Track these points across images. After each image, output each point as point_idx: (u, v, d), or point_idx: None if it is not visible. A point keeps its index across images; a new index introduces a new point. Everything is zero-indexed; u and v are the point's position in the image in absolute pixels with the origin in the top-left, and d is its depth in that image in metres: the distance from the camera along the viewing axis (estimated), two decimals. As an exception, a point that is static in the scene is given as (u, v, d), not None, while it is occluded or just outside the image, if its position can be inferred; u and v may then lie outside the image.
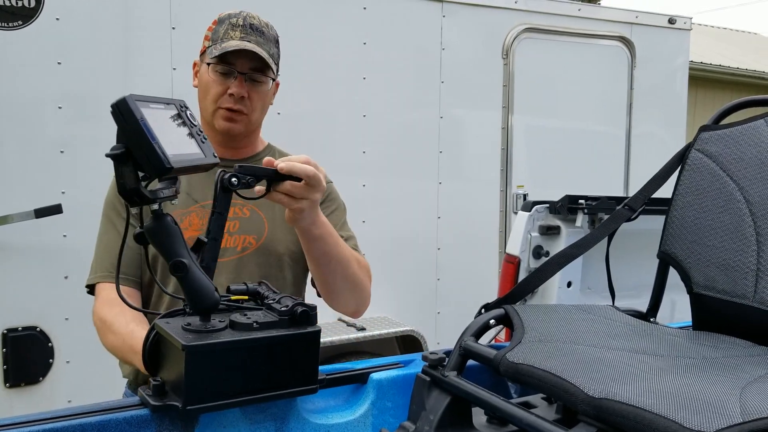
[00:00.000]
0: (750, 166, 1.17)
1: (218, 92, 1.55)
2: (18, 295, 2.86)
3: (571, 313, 1.16)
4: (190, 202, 1.58)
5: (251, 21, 1.58)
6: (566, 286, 2.79)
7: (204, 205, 1.55)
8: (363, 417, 1.12)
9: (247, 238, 1.56)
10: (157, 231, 0.96)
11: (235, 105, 1.54)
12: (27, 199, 2.78)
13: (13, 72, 2.80)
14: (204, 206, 1.55)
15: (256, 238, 1.57)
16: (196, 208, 1.57)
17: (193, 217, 1.56)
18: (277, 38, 1.64)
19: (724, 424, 0.73)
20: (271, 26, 1.63)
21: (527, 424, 0.90)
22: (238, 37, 1.54)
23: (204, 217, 1.53)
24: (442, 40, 3.68)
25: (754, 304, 1.10)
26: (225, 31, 1.57)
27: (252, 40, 1.55)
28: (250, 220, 1.58)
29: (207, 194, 1.54)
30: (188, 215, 1.56)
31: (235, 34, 1.56)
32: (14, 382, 2.85)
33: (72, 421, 0.90)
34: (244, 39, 1.54)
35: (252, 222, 1.58)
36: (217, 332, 0.97)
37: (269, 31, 1.61)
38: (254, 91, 1.57)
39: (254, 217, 1.59)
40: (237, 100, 1.54)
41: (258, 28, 1.58)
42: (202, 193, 1.58)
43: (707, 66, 11.33)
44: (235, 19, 1.58)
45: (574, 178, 4.04)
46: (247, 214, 1.59)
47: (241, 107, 1.55)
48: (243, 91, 1.54)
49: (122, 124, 0.88)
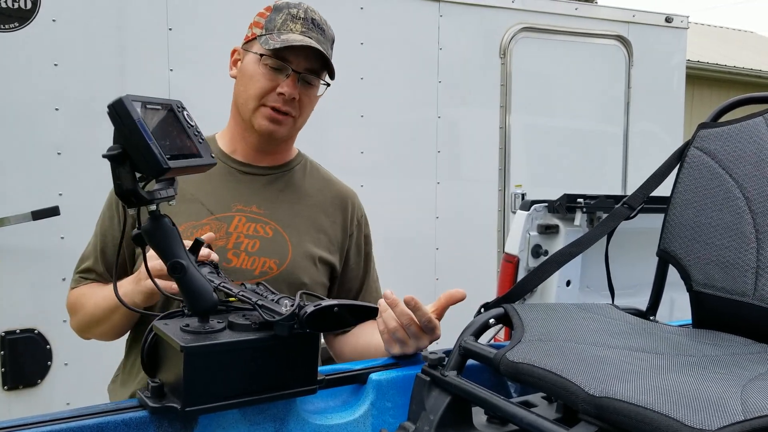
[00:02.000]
0: (749, 163, 1.17)
1: (265, 88, 1.39)
2: (15, 298, 2.85)
3: (570, 312, 1.16)
4: (204, 213, 1.42)
5: (313, 15, 1.42)
6: (565, 284, 2.79)
7: (219, 217, 1.41)
8: (363, 417, 1.11)
9: (268, 261, 1.39)
10: (155, 232, 0.95)
11: (283, 106, 1.39)
12: (24, 202, 2.77)
13: (10, 74, 2.80)
14: (219, 218, 1.41)
15: (278, 262, 1.40)
16: (210, 221, 1.41)
17: (205, 230, 1.40)
18: (333, 39, 1.48)
19: (726, 422, 0.73)
20: (329, 25, 1.46)
21: (528, 423, 0.89)
22: (298, 31, 1.38)
23: (218, 231, 1.39)
24: (440, 39, 3.68)
25: (754, 302, 1.10)
26: (284, 21, 1.39)
27: (313, 37, 1.38)
28: (273, 241, 1.42)
29: (223, 205, 1.43)
30: (201, 228, 1.40)
31: (296, 27, 1.38)
32: (12, 384, 2.84)
33: (70, 423, 0.90)
34: (306, 34, 1.37)
35: (275, 243, 1.42)
36: (215, 333, 0.97)
37: (329, 30, 1.45)
38: (305, 94, 1.41)
39: (278, 239, 1.42)
40: (286, 101, 1.38)
41: (319, 24, 1.41)
42: (218, 204, 1.43)
43: (704, 64, 11.34)
44: (296, 10, 1.41)
45: (572, 176, 4.05)
46: (270, 234, 1.42)
47: (290, 109, 1.40)
48: (295, 92, 1.38)
49: (119, 125, 0.88)
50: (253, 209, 1.44)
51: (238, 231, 1.41)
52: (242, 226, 1.41)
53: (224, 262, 1.34)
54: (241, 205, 1.44)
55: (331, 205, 1.53)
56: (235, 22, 3.17)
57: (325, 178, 1.58)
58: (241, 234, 1.40)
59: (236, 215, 1.42)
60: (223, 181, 1.45)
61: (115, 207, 1.50)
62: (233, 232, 1.40)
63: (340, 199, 1.55)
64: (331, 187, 1.56)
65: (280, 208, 1.46)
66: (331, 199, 1.54)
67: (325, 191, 1.55)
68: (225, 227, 1.40)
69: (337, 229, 1.52)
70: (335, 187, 1.57)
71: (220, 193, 1.44)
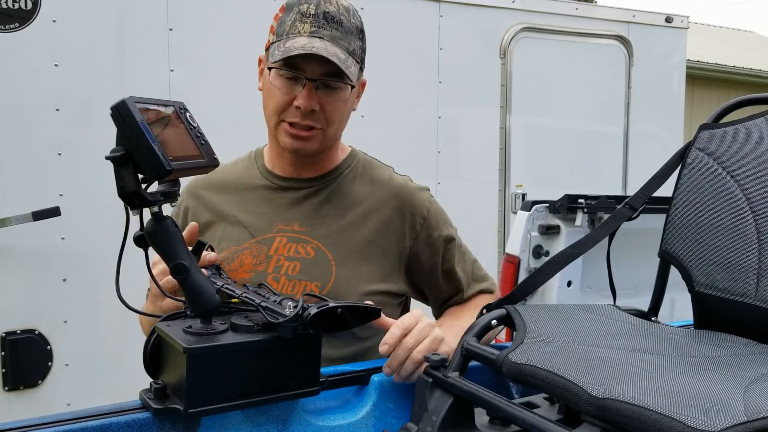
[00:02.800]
0: (750, 164, 1.17)
1: (282, 103, 1.27)
2: (16, 298, 2.85)
3: (572, 313, 1.16)
4: (246, 237, 1.36)
5: (326, 8, 1.26)
6: (566, 285, 2.79)
7: (260, 240, 1.35)
8: (365, 418, 1.11)
9: (309, 285, 1.29)
10: (158, 233, 0.95)
11: (302, 120, 1.27)
12: (25, 202, 2.77)
13: (10, 74, 2.80)
14: (260, 241, 1.34)
15: (320, 285, 1.29)
16: (250, 245, 1.35)
17: (246, 255, 1.34)
18: (360, 27, 1.32)
19: (729, 423, 0.73)
20: (353, 11, 1.31)
21: (530, 425, 0.89)
22: (307, 32, 1.24)
23: (258, 255, 1.33)
24: (440, 39, 3.68)
25: (756, 303, 1.10)
26: (292, 23, 1.26)
27: (325, 35, 1.24)
28: (315, 261, 1.32)
29: (264, 226, 1.36)
30: (241, 254, 1.34)
31: (304, 28, 1.25)
32: (13, 385, 2.84)
33: (73, 425, 0.90)
34: (315, 34, 1.24)
35: (317, 264, 1.31)
36: (218, 335, 0.97)
37: (350, 19, 1.29)
38: (329, 101, 1.27)
39: (320, 258, 1.32)
40: (305, 114, 1.26)
41: (335, 16, 1.26)
42: (259, 225, 1.36)
43: (703, 64, 11.34)
44: (306, 6, 1.26)
45: (573, 177, 4.05)
46: (311, 255, 1.32)
47: (311, 122, 1.27)
48: (313, 103, 1.25)
49: (122, 127, 0.88)
50: (295, 228, 1.35)
51: (279, 254, 1.33)
52: (282, 247, 1.34)
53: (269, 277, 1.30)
54: (282, 224, 1.36)
55: (384, 209, 1.38)
56: (236, 22, 3.18)
57: (378, 178, 1.43)
58: (281, 257, 1.33)
59: (277, 236, 1.35)
60: (265, 199, 1.39)
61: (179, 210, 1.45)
62: (273, 255, 1.33)
63: (396, 198, 1.40)
64: (384, 188, 1.41)
65: (323, 223, 1.35)
66: (385, 201, 1.39)
67: (378, 194, 1.40)
68: (265, 250, 1.34)
69: (394, 235, 1.38)
70: (390, 186, 1.41)
71: (262, 213, 1.37)
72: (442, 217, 1.45)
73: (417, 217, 1.40)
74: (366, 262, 1.34)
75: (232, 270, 1.34)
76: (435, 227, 1.42)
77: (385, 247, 1.37)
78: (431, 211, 1.42)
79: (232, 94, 3.14)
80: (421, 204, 1.42)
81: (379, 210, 1.38)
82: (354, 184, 1.41)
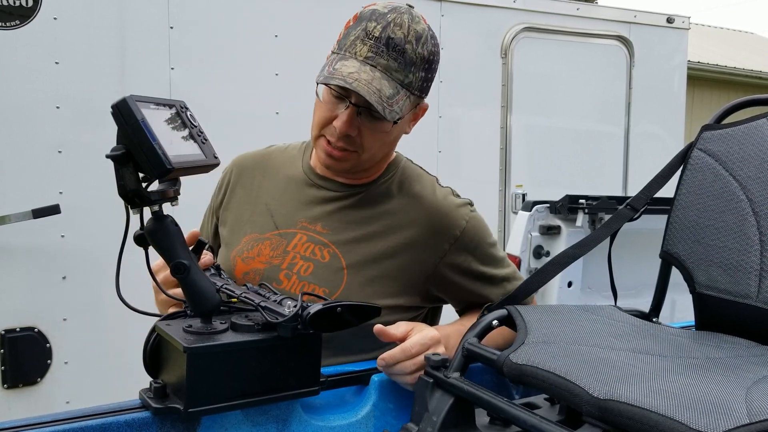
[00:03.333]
0: (753, 165, 1.16)
1: (325, 118, 1.25)
2: (16, 296, 2.85)
3: (573, 314, 1.16)
4: (270, 227, 1.36)
5: (393, 32, 1.19)
6: (567, 285, 2.80)
7: (282, 233, 1.34)
8: (365, 418, 1.11)
9: (317, 289, 1.28)
10: (158, 232, 0.95)
11: (337, 141, 1.24)
12: (25, 200, 2.77)
13: (10, 72, 2.79)
14: (282, 234, 1.34)
15: (327, 292, 1.26)
16: (272, 236, 1.35)
17: (265, 246, 1.34)
18: (427, 57, 1.24)
19: (731, 425, 0.72)
20: (424, 39, 1.22)
21: (531, 426, 0.89)
22: (363, 56, 1.18)
23: (277, 248, 1.33)
24: (441, 39, 3.67)
25: (758, 304, 1.10)
26: (354, 41, 1.21)
27: (380, 64, 1.18)
28: (327, 267, 1.30)
29: (290, 219, 1.35)
30: (261, 242, 1.35)
31: (362, 51, 1.19)
32: (12, 383, 2.84)
33: (73, 424, 0.90)
34: (370, 61, 1.18)
35: (329, 270, 1.30)
36: (218, 334, 0.97)
37: (417, 48, 1.21)
38: (368, 129, 1.23)
39: (333, 264, 1.30)
40: (342, 137, 1.23)
41: (398, 44, 1.19)
42: (286, 217, 1.36)
43: (704, 65, 11.34)
44: (374, 25, 1.20)
45: (573, 177, 4.04)
46: (326, 259, 1.30)
47: (345, 145, 1.25)
48: (350, 128, 1.22)
49: (123, 125, 0.87)
50: (318, 228, 1.34)
51: (296, 251, 1.32)
52: (301, 245, 1.32)
53: (274, 283, 1.28)
54: (306, 222, 1.35)
55: (413, 224, 1.33)
56: (237, 20, 3.18)
57: (414, 192, 1.38)
58: (297, 255, 1.32)
59: (299, 233, 1.34)
60: (298, 193, 1.39)
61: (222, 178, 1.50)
62: (290, 251, 1.32)
63: (429, 215, 1.34)
64: (419, 203, 1.36)
65: (346, 230, 1.33)
66: (416, 216, 1.34)
67: (411, 209, 1.35)
68: (284, 245, 1.33)
69: (418, 252, 1.32)
70: (425, 202, 1.36)
71: (292, 206, 1.37)
72: (477, 235, 1.37)
73: (448, 236, 1.34)
74: (381, 274, 1.31)
75: (249, 257, 1.35)
76: (466, 248, 1.35)
77: (406, 262, 1.32)
78: (466, 230, 1.35)
79: (233, 92, 3.14)
80: (455, 223, 1.35)
81: (408, 226, 1.34)
82: (387, 195, 1.37)
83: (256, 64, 3.21)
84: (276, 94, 3.24)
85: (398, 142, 1.37)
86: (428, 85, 1.29)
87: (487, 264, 1.38)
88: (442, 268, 1.34)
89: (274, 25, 3.22)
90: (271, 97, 3.24)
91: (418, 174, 1.43)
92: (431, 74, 1.28)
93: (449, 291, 1.38)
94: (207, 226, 1.53)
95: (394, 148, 1.38)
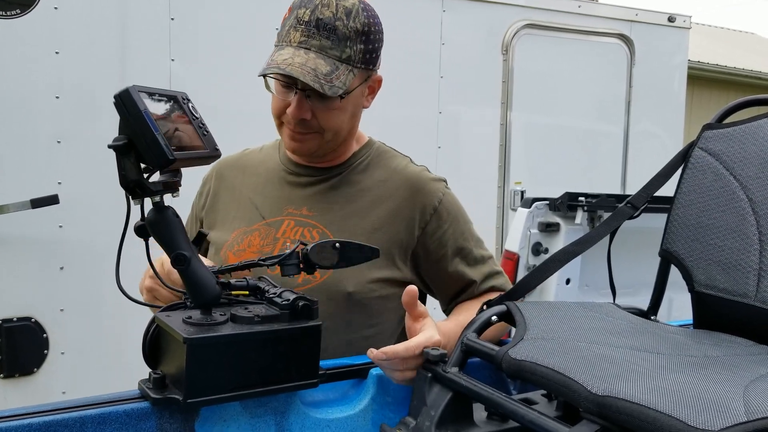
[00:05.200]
0: (753, 165, 1.17)
1: (279, 108, 1.32)
2: (13, 286, 2.85)
3: (572, 311, 1.16)
4: (256, 219, 1.40)
5: (321, 13, 1.25)
6: (565, 283, 2.80)
7: (269, 222, 1.38)
8: (363, 412, 1.12)
9: None
10: (159, 223, 0.95)
11: (296, 127, 1.31)
12: (23, 190, 2.76)
13: (10, 61, 2.78)
14: (269, 224, 1.38)
15: (321, 271, 1.26)
16: (260, 226, 1.39)
17: (255, 237, 1.38)
18: (362, 29, 1.29)
19: (729, 423, 0.73)
20: (356, 12, 1.27)
21: (529, 421, 0.89)
22: (296, 42, 1.25)
23: (266, 237, 1.37)
24: (442, 35, 3.67)
25: (756, 304, 1.10)
26: (288, 30, 1.27)
27: (314, 45, 1.24)
28: None
29: (275, 209, 1.40)
30: (250, 234, 1.38)
31: (295, 37, 1.25)
32: (8, 372, 2.84)
33: (72, 413, 0.90)
34: (303, 45, 1.24)
35: None
36: (218, 325, 0.97)
37: (348, 22, 1.26)
38: (320, 109, 1.29)
39: None
40: (297, 122, 1.29)
41: (328, 23, 1.24)
42: (271, 208, 1.40)
43: (704, 65, 11.34)
44: (303, 11, 1.26)
45: (572, 175, 4.05)
46: (316, 238, 1.34)
47: (303, 128, 1.31)
48: (302, 112, 1.27)
49: (125, 115, 0.87)
50: (303, 212, 1.39)
51: (285, 236, 1.36)
52: (290, 230, 1.37)
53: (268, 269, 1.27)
54: (292, 208, 1.39)
55: (395, 197, 1.39)
56: (237, 12, 3.17)
57: (392, 167, 1.44)
58: (287, 240, 1.36)
59: (286, 219, 1.38)
60: (279, 183, 1.44)
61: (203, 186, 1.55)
62: (280, 237, 1.36)
63: (408, 186, 1.40)
64: (398, 176, 1.42)
65: (331, 209, 1.38)
66: (396, 188, 1.40)
67: (390, 182, 1.41)
68: (273, 233, 1.37)
69: (402, 222, 1.38)
70: (403, 175, 1.42)
71: (275, 196, 1.41)
72: (454, 208, 1.43)
73: (428, 207, 1.39)
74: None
75: (240, 250, 1.38)
76: (445, 219, 1.40)
77: (393, 234, 1.37)
78: (443, 203, 1.41)
79: (233, 84, 3.13)
80: (433, 194, 1.41)
81: (390, 198, 1.39)
82: (365, 173, 1.43)
83: (256, 57, 3.20)
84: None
85: (360, 116, 1.42)
86: (373, 57, 1.34)
87: (466, 240, 1.43)
88: (424, 238, 1.39)
89: (275, 18, 3.21)
90: (271, 90, 3.23)
91: (393, 153, 1.50)
92: (373, 45, 1.33)
93: (431, 268, 1.41)
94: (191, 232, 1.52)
95: (357, 123, 1.42)
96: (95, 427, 0.91)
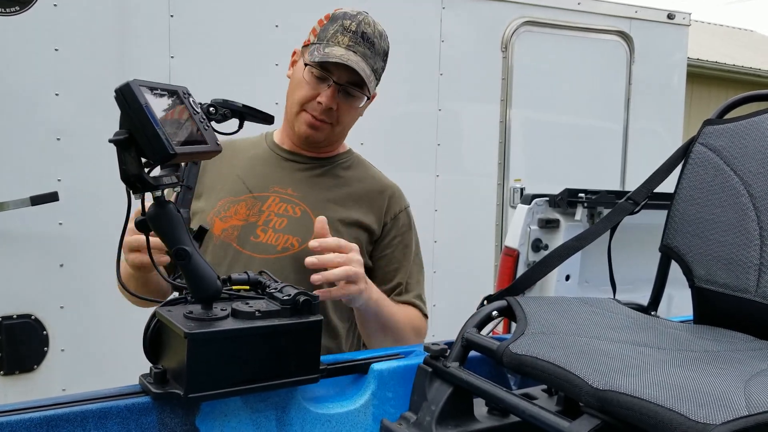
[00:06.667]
0: (754, 160, 1.17)
1: (307, 96, 1.49)
2: (13, 283, 2.84)
3: (573, 306, 1.16)
4: (243, 191, 1.53)
5: (365, 28, 1.48)
6: (564, 279, 2.80)
7: (256, 196, 1.52)
8: (364, 407, 1.12)
9: (291, 239, 1.48)
10: (160, 218, 0.95)
11: (320, 115, 1.49)
12: (23, 187, 2.76)
13: (10, 58, 2.78)
14: (256, 197, 1.52)
15: (300, 241, 1.47)
16: (247, 198, 1.52)
17: (241, 206, 1.51)
18: (386, 51, 1.55)
19: (730, 417, 0.73)
20: (384, 36, 1.54)
21: (530, 416, 0.90)
22: (345, 44, 1.46)
23: (252, 208, 1.51)
24: (442, 32, 3.66)
25: (756, 299, 1.10)
26: (334, 33, 1.47)
27: (359, 51, 1.46)
28: (300, 221, 1.50)
29: (262, 186, 1.53)
30: (236, 204, 1.52)
31: (343, 40, 1.46)
32: (8, 370, 2.84)
33: (73, 408, 0.90)
34: (351, 48, 1.46)
35: (300, 223, 1.49)
36: (219, 320, 0.96)
37: (381, 42, 1.51)
38: (345, 104, 1.50)
39: (304, 219, 1.50)
40: (324, 111, 1.48)
41: (370, 38, 1.48)
42: (258, 184, 1.54)
43: (703, 62, 11.34)
44: (349, 22, 1.48)
45: (571, 172, 4.04)
46: (298, 214, 1.51)
47: (325, 118, 1.49)
48: (333, 103, 1.47)
49: (126, 110, 0.87)
50: (288, 191, 1.54)
51: (270, 210, 1.51)
52: (275, 205, 1.52)
53: (252, 237, 1.48)
54: (278, 187, 1.54)
55: (367, 196, 1.59)
56: (237, 10, 3.17)
57: (368, 173, 1.65)
58: (272, 213, 1.51)
59: (272, 195, 1.53)
60: (267, 165, 1.58)
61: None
62: (265, 210, 1.51)
63: (378, 191, 1.61)
64: (372, 181, 1.63)
65: (313, 192, 1.55)
66: (368, 191, 1.60)
67: (365, 183, 1.61)
68: (259, 205, 1.52)
69: (372, 219, 1.57)
70: (376, 181, 1.64)
71: (263, 175, 1.56)
72: (409, 224, 1.65)
73: (391, 211, 1.61)
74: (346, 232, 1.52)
75: (227, 216, 1.50)
76: (400, 228, 1.61)
77: (366, 224, 1.56)
78: (404, 214, 1.63)
79: (233, 82, 3.12)
80: (400, 203, 1.64)
81: (366, 195, 1.59)
82: (348, 171, 1.63)
83: (256, 54, 3.20)
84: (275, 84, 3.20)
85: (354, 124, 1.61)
86: (381, 76, 1.57)
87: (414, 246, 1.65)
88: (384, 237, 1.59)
89: (275, 14, 3.21)
90: (270, 87, 3.21)
91: (371, 164, 1.71)
92: (385, 66, 1.57)
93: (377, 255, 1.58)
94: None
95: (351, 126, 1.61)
96: (96, 421, 0.91)
